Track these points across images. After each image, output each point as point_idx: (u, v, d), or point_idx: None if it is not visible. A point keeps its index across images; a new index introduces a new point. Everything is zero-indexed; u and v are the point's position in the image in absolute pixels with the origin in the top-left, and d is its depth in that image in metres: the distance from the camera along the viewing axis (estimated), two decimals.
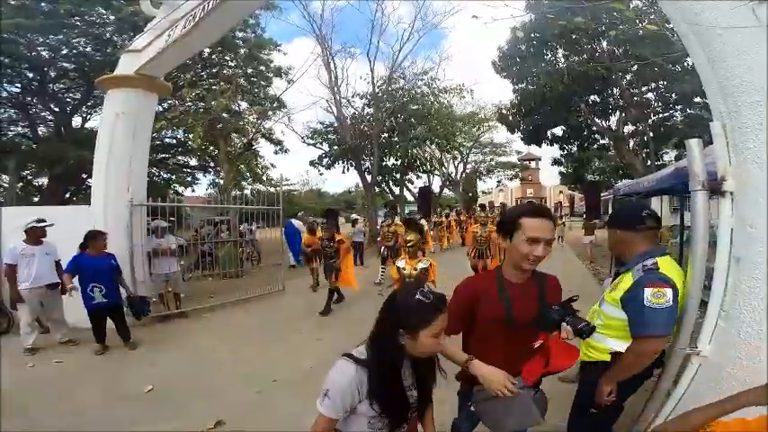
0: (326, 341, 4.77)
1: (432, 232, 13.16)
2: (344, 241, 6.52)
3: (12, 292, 4.46)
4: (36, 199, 15.55)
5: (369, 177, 17.99)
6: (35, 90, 14.08)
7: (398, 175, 21.28)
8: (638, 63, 11.91)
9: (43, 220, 4.63)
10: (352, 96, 17.91)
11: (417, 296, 1.24)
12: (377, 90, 17.17)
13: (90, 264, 4.39)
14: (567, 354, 1.57)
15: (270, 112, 14.84)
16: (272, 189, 15.41)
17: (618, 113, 16.24)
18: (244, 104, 14.36)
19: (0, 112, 14.76)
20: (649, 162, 15.09)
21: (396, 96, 17.43)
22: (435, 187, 25.42)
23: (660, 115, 15.70)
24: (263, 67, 15.38)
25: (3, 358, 4.29)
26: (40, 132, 15.41)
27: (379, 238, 9.97)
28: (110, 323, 4.61)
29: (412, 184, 23.46)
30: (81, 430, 2.90)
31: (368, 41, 16.47)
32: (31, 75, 13.61)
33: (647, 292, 1.70)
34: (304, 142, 18.37)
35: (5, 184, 15.62)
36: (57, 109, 15.02)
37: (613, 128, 16.36)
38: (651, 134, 15.09)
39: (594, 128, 16.97)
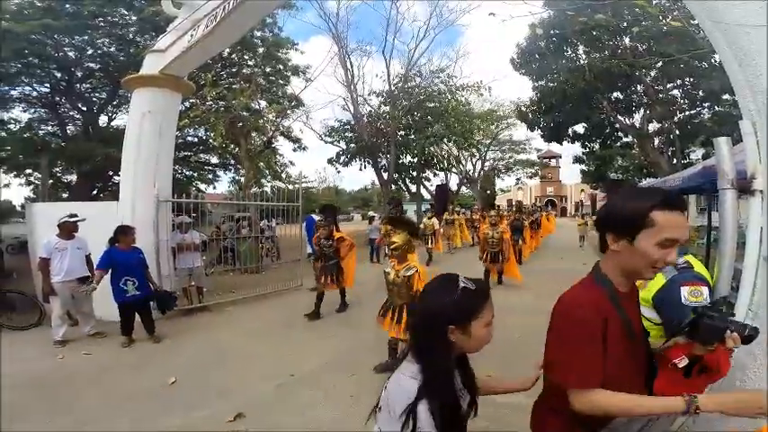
0: (344, 337, 4.83)
1: (442, 230, 13.01)
2: (346, 239, 5.93)
3: (45, 285, 4.62)
4: (65, 195, 16.13)
5: (385, 175, 18.03)
6: (63, 90, 14.59)
7: (415, 173, 21.26)
8: (662, 60, 11.61)
9: (75, 215, 4.81)
10: (369, 94, 18.00)
11: (461, 284, 1.13)
12: (393, 88, 17.19)
13: (122, 258, 4.54)
14: (726, 359, 1.36)
15: (288, 111, 15.04)
16: (290, 186, 15.63)
17: (642, 111, 15.85)
18: (263, 103, 14.59)
19: (31, 112, 15.40)
20: (675, 160, 14.69)
21: (412, 94, 17.41)
22: (453, 185, 25.30)
23: (687, 113, 15.24)
24: (281, 66, 15.59)
25: (34, 350, 4.49)
26: (68, 131, 15.98)
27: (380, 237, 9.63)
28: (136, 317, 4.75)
29: (429, 181, 23.44)
30: (107, 420, 3.02)
31: (383, 39, 16.49)
32: (59, 75, 14.11)
33: (684, 290, 1.68)
34: (322, 140, 18.56)
35: (37, 182, 16.26)
36: (84, 108, 15.55)
37: (637, 125, 15.98)
38: (677, 132, 14.66)
39: (617, 125, 16.61)
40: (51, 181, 15.78)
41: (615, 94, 15.73)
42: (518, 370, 3.69)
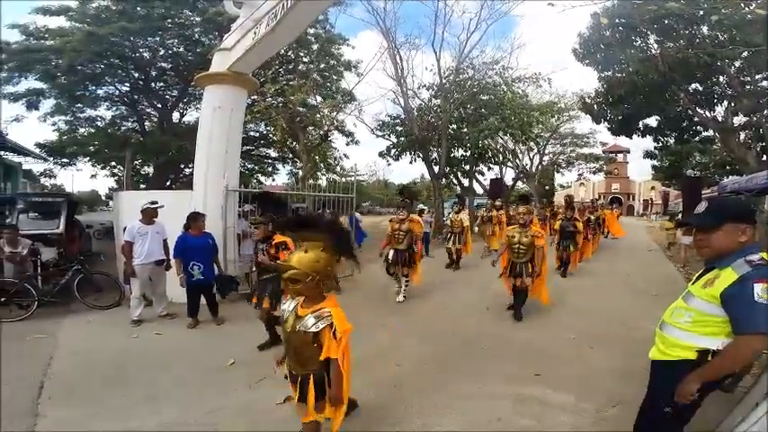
0: (395, 328, 4.88)
1: (478, 229, 11.72)
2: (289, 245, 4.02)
3: (128, 267, 5.03)
4: (143, 186, 17.72)
5: (436, 168, 17.85)
6: (141, 88, 15.93)
7: (467, 167, 20.83)
8: (748, 49, 10.43)
9: (156, 202, 5.24)
10: (419, 88, 17.84)
11: None
12: (444, 81, 16.91)
13: (192, 243, 4.88)
14: None
15: (342, 105, 15.37)
16: (343, 179, 16.00)
17: (726, 103, 14.35)
18: (318, 98, 15.02)
19: (114, 110, 17.01)
20: (765, 156, 13.18)
21: (464, 87, 17.01)
22: (508, 180, 24.47)
23: None
24: (334, 62, 15.95)
25: (113, 328, 4.90)
26: (146, 127, 17.47)
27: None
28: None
29: (482, 175, 22.85)
30: (167, 398, 3.26)
31: (432, 32, 16.23)
32: (136, 75, 15.41)
33: (758, 287, 1.62)
34: (373, 134, 18.73)
35: (120, 173, 17.99)
36: (159, 105, 16.89)
37: (720, 118, 14.49)
38: None
39: (696, 118, 15.16)
40: (132, 173, 17.36)
41: (693, 86, 14.35)
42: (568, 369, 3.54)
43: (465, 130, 18.00)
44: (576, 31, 18.36)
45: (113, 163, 17.87)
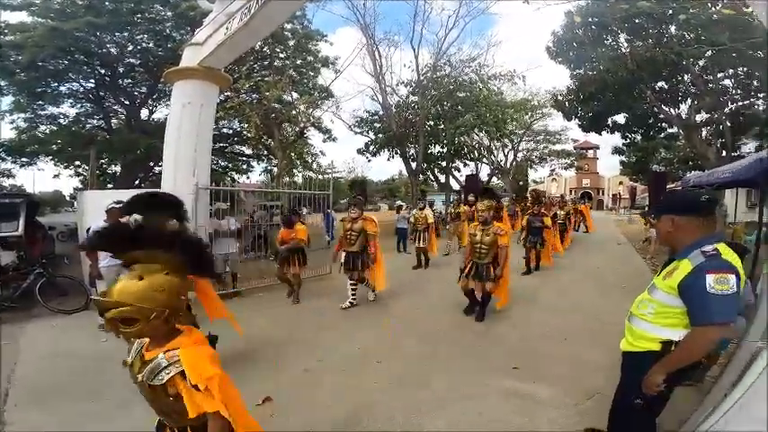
0: (374, 326, 4.87)
1: (449, 227, 11.23)
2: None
3: (93, 269, 4.81)
4: (110, 186, 17.07)
5: (414, 165, 17.95)
6: (107, 85, 15.34)
7: (444, 163, 21.04)
8: (713, 49, 10.92)
9: (122, 202, 5.00)
10: (397, 85, 17.90)
11: None
12: (422, 78, 17.01)
13: None
14: None
15: (319, 102, 15.21)
16: (320, 176, 15.88)
17: (689, 101, 15.00)
18: (294, 94, 14.82)
19: (78, 107, 16.30)
20: (725, 153, 13.85)
21: (442, 84, 17.17)
22: (483, 175, 24.86)
23: (739, 103, 14.29)
24: (311, 58, 15.78)
25: (80, 333, 4.69)
26: (112, 124, 16.83)
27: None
28: None
29: (459, 171, 23.14)
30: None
31: (411, 29, 16.32)
32: (102, 71, 14.83)
33: (710, 278, 1.65)
34: (351, 130, 18.65)
35: (85, 173, 17.26)
36: (126, 102, 16.31)
37: (684, 116, 15.14)
38: (728, 123, 13.79)
39: (662, 115, 15.82)
40: (98, 172, 16.71)
41: (660, 84, 14.96)
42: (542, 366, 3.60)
43: (442, 126, 18.17)
44: (551, 29, 18.76)
45: (78, 162, 17.15)
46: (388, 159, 19.43)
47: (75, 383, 3.43)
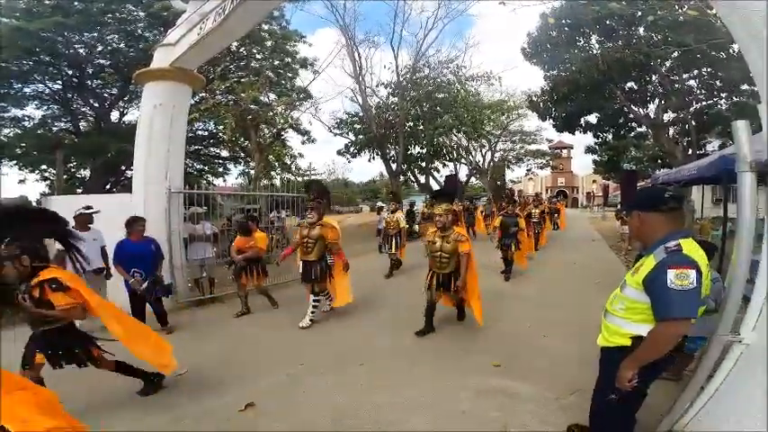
0: (354, 328, 4.86)
1: (419, 228, 10.77)
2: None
3: None
4: (79, 191, 16.46)
5: (394, 166, 18.02)
6: (75, 86, 14.80)
7: (424, 164, 21.19)
8: (678, 49, 11.37)
9: (90, 207, 4.87)
10: (377, 86, 17.94)
11: None
12: (401, 79, 17.10)
13: (130, 249, 4.58)
14: None
15: (297, 103, 15.07)
16: (299, 178, 15.74)
17: (657, 101, 15.56)
18: (272, 96, 14.65)
19: (44, 109, 15.67)
20: (690, 151, 14.42)
21: (421, 85, 17.31)
22: (462, 176, 25.16)
23: (703, 103, 14.92)
24: (289, 59, 15.63)
25: None
26: (81, 127, 16.24)
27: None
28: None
29: (438, 172, 23.35)
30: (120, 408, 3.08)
31: (391, 30, 16.40)
32: (70, 72, 14.30)
33: (671, 273, 1.66)
34: (331, 132, 18.57)
35: (52, 178, 16.59)
36: (96, 104, 15.77)
37: (652, 115, 15.69)
38: (693, 122, 14.38)
39: (631, 115, 16.35)
40: (66, 176, 16.10)
41: (629, 84, 15.46)
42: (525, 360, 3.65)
43: (421, 127, 18.29)
44: (526, 31, 19.14)
45: (44, 166, 16.46)
46: (369, 160, 19.46)
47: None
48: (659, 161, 17.53)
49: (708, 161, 6.14)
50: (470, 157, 25.40)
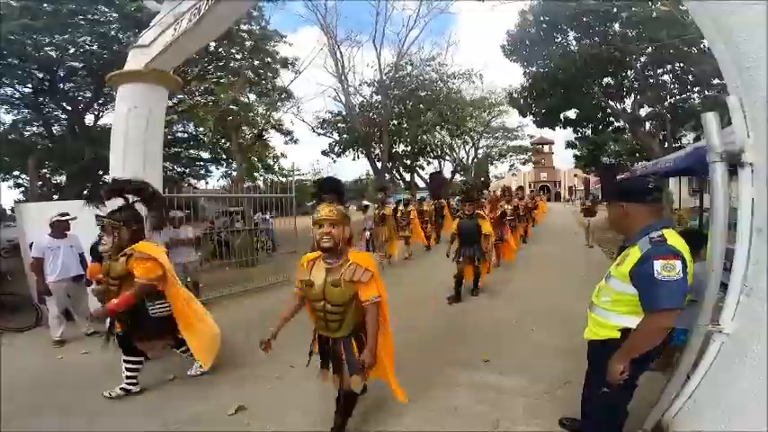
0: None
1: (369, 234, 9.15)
2: None
3: (39, 285, 4.58)
4: (56, 197, 15.95)
5: (379, 164, 18.01)
6: (46, 90, 14.33)
7: (409, 162, 21.26)
8: (652, 45, 11.65)
9: (67, 214, 4.74)
10: (360, 84, 17.91)
11: None
12: (384, 77, 17.09)
13: None
14: None
15: (278, 103, 14.91)
16: (283, 179, 15.59)
17: (633, 96, 15.89)
18: (252, 96, 14.45)
19: (14, 114, 15.13)
20: (667, 144, 14.79)
21: (404, 83, 17.33)
22: (447, 173, 25.35)
23: (677, 97, 15.32)
24: (269, 59, 15.41)
25: (34, 351, 4.47)
26: (54, 131, 15.74)
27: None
28: None
29: (423, 169, 23.46)
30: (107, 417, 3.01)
31: (373, 29, 16.37)
32: (40, 75, 13.85)
33: (657, 264, 1.67)
34: (314, 132, 18.45)
35: (26, 184, 16.05)
36: (69, 108, 15.29)
37: (629, 110, 16.03)
38: (668, 116, 14.74)
39: (609, 110, 16.65)
40: (40, 182, 15.59)
41: (606, 80, 15.73)
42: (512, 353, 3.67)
43: (405, 125, 18.33)
44: (506, 28, 19.38)
45: (17, 173, 15.92)
46: (353, 160, 19.42)
47: (35, 402, 3.24)
48: (637, 155, 17.91)
49: (683, 153, 6.31)
50: (454, 154, 25.61)
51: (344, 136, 18.47)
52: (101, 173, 15.53)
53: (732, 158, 1.85)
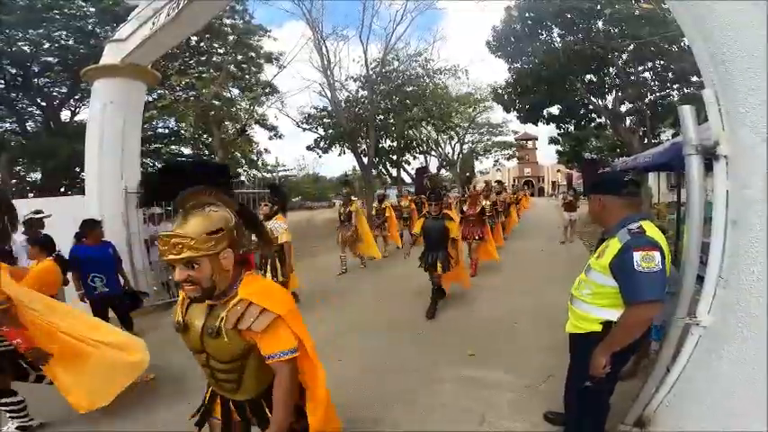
0: (329, 321, 4.79)
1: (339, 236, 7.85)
2: None
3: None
4: (31, 195, 15.48)
5: (365, 160, 17.95)
6: (20, 85, 13.88)
7: (395, 157, 21.25)
8: (634, 42, 11.84)
9: (40, 212, 4.61)
10: (346, 79, 17.77)
11: None
12: (370, 72, 17.00)
13: (89, 253, 4.30)
14: None
15: (262, 98, 14.71)
16: (267, 174, 15.42)
17: (615, 92, 16.16)
18: (235, 91, 14.22)
19: None
20: (647, 140, 15.08)
21: (390, 78, 17.27)
22: (432, 168, 25.42)
23: (657, 94, 15.63)
24: (253, 54, 15.19)
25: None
26: (28, 127, 15.27)
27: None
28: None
29: (409, 165, 23.49)
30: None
31: (360, 23, 16.22)
32: (13, 70, 13.41)
33: (637, 256, 1.67)
34: (299, 127, 18.26)
35: None
36: (44, 103, 14.86)
37: (610, 107, 16.29)
38: (648, 113, 15.03)
39: (591, 106, 16.90)
40: (15, 180, 15.10)
41: (589, 77, 15.94)
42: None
43: (391, 120, 18.28)
44: (492, 24, 19.47)
45: None
46: (339, 155, 19.29)
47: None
48: (618, 150, 18.23)
49: (661, 149, 6.43)
50: (440, 149, 25.71)
51: (330, 131, 18.33)
52: (77, 170, 15.13)
53: (707, 151, 1.88)
